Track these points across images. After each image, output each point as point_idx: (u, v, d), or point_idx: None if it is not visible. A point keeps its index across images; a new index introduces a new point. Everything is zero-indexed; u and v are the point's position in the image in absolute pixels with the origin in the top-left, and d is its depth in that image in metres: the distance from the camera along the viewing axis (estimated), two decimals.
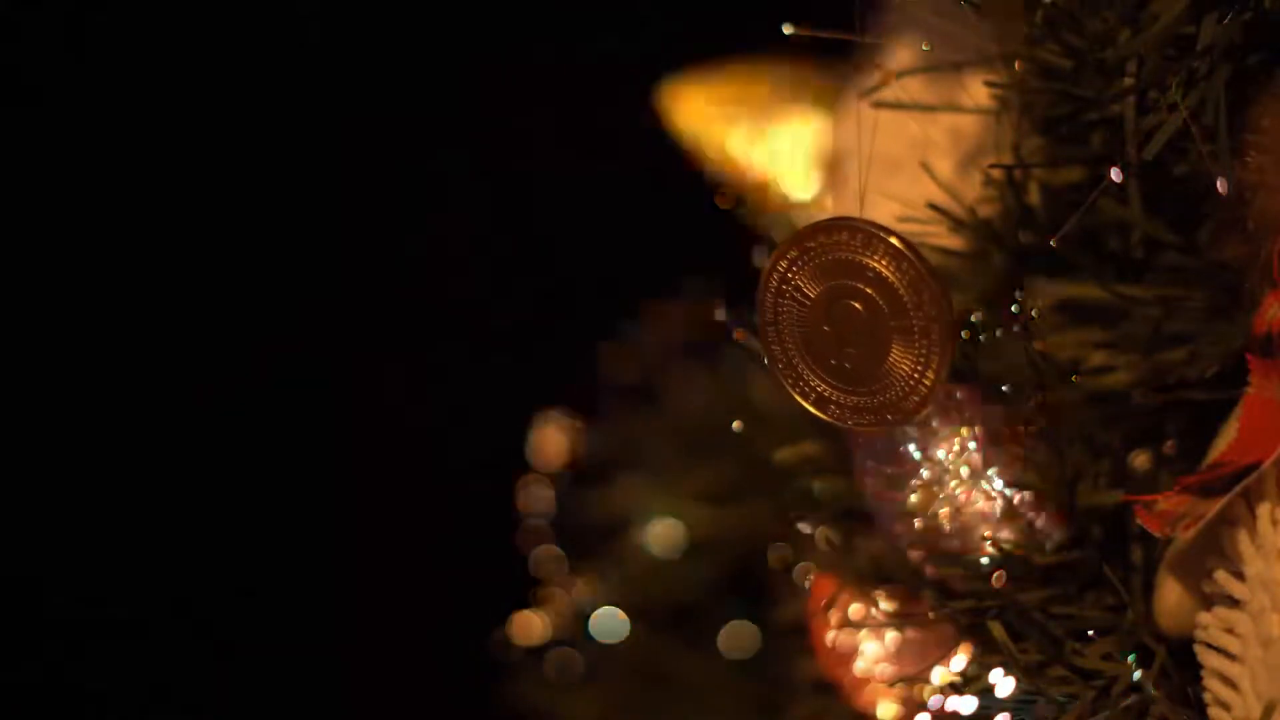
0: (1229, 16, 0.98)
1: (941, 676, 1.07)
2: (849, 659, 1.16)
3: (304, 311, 2.13)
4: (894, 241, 0.98)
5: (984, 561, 1.06)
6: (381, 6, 2.10)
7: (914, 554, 1.08)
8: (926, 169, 1.13)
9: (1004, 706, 1.04)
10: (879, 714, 1.15)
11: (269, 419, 2.12)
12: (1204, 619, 1.00)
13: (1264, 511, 0.97)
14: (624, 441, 1.55)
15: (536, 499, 1.60)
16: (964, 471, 1.06)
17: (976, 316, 1.07)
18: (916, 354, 0.99)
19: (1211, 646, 0.99)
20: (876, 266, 0.98)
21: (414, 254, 2.16)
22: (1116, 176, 1.00)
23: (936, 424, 1.05)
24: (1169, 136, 0.99)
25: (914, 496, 1.06)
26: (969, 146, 1.15)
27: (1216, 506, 0.97)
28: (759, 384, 1.38)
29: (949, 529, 1.06)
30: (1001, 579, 1.05)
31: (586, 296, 1.80)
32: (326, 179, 2.10)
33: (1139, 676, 1.03)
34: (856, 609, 1.13)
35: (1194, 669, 1.01)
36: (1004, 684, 1.04)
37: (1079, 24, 1.01)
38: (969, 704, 1.05)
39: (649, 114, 1.49)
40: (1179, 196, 1.04)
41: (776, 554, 1.34)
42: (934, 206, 1.10)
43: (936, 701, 1.06)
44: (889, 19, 1.17)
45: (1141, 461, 1.08)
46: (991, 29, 1.05)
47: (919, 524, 1.07)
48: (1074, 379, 1.06)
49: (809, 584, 1.19)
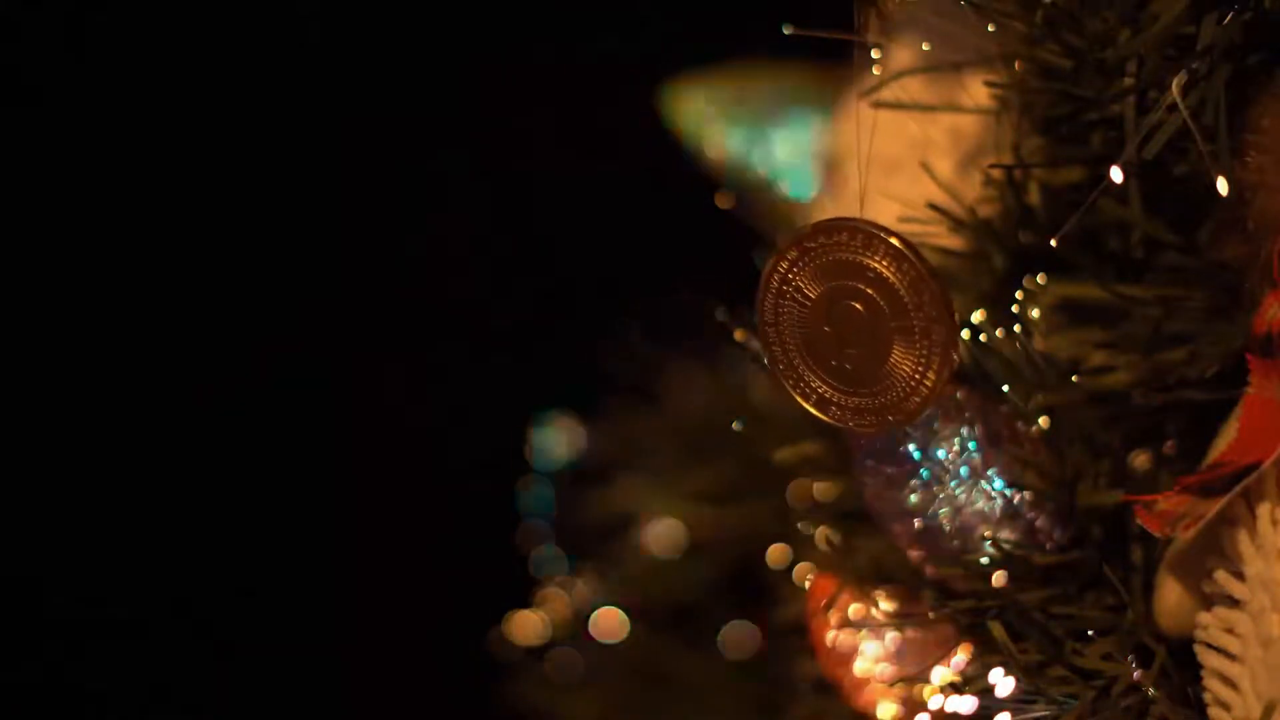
0: (1229, 16, 0.98)
1: (941, 676, 1.07)
2: (849, 659, 1.16)
3: (304, 311, 2.12)
4: (894, 242, 0.98)
5: (984, 561, 1.06)
6: (381, 6, 2.10)
7: (914, 554, 1.08)
8: (926, 169, 1.13)
9: (1004, 706, 1.04)
10: (879, 714, 1.15)
11: (269, 419, 2.12)
12: (1204, 619, 1.00)
13: (1264, 511, 0.97)
14: (624, 441, 1.55)
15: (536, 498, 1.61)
16: (964, 471, 1.06)
17: (977, 317, 1.07)
18: (918, 355, 0.98)
19: (1211, 646, 0.99)
20: (877, 267, 0.98)
21: (414, 254, 2.16)
22: (1116, 176, 1.00)
23: (937, 424, 1.05)
24: (1169, 136, 0.99)
25: (914, 496, 1.06)
26: (969, 146, 1.15)
27: (1216, 506, 0.97)
28: (759, 384, 1.38)
29: (949, 529, 1.06)
30: (1001, 579, 1.05)
31: (586, 296, 1.80)
32: (326, 179, 2.10)
33: (1139, 676, 1.03)
34: (856, 609, 1.13)
35: (1194, 669, 1.01)
36: (1004, 684, 1.04)
37: (1079, 24, 1.01)
38: (969, 704, 1.05)
39: (649, 114, 1.49)
40: (1179, 196, 1.04)
41: (776, 554, 1.34)
42: (934, 207, 1.10)
43: (936, 701, 1.06)
44: (889, 19, 1.17)
45: (1141, 461, 1.08)
46: (991, 29, 1.05)
47: (919, 524, 1.07)
48: (1074, 379, 1.06)
49: (809, 584, 1.19)
